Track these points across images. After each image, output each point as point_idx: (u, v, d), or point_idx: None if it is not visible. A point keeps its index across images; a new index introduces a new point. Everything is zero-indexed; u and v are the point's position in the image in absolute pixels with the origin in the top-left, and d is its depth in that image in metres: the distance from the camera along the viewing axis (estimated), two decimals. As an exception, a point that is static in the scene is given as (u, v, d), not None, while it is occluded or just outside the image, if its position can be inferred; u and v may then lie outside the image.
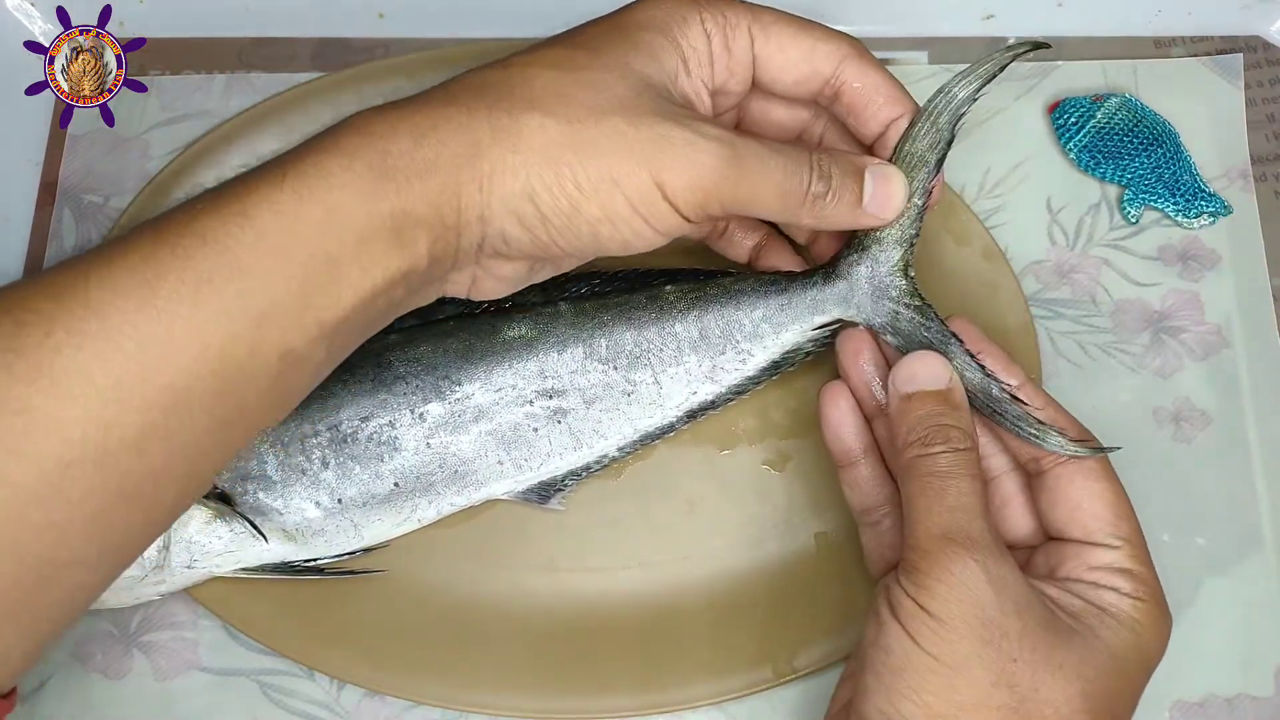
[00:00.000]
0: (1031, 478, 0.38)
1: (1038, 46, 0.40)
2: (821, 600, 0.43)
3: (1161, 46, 0.54)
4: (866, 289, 0.41)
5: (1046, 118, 0.52)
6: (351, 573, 0.43)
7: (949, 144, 0.40)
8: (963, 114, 0.40)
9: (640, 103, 0.35)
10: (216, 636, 0.44)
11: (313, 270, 0.32)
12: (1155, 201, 0.50)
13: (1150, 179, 0.50)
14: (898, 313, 0.40)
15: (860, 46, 0.39)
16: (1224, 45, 0.54)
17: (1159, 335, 0.49)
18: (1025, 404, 0.38)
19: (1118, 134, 0.51)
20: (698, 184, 0.34)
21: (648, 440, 0.44)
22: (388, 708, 0.43)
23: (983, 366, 0.39)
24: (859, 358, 0.41)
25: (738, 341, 0.43)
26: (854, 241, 0.41)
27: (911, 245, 0.41)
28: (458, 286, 0.38)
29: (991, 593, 0.33)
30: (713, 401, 0.43)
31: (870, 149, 0.41)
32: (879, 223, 0.39)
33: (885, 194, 0.38)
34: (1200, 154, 0.51)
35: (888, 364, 0.41)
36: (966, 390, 0.38)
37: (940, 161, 0.40)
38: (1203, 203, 0.50)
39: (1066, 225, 0.50)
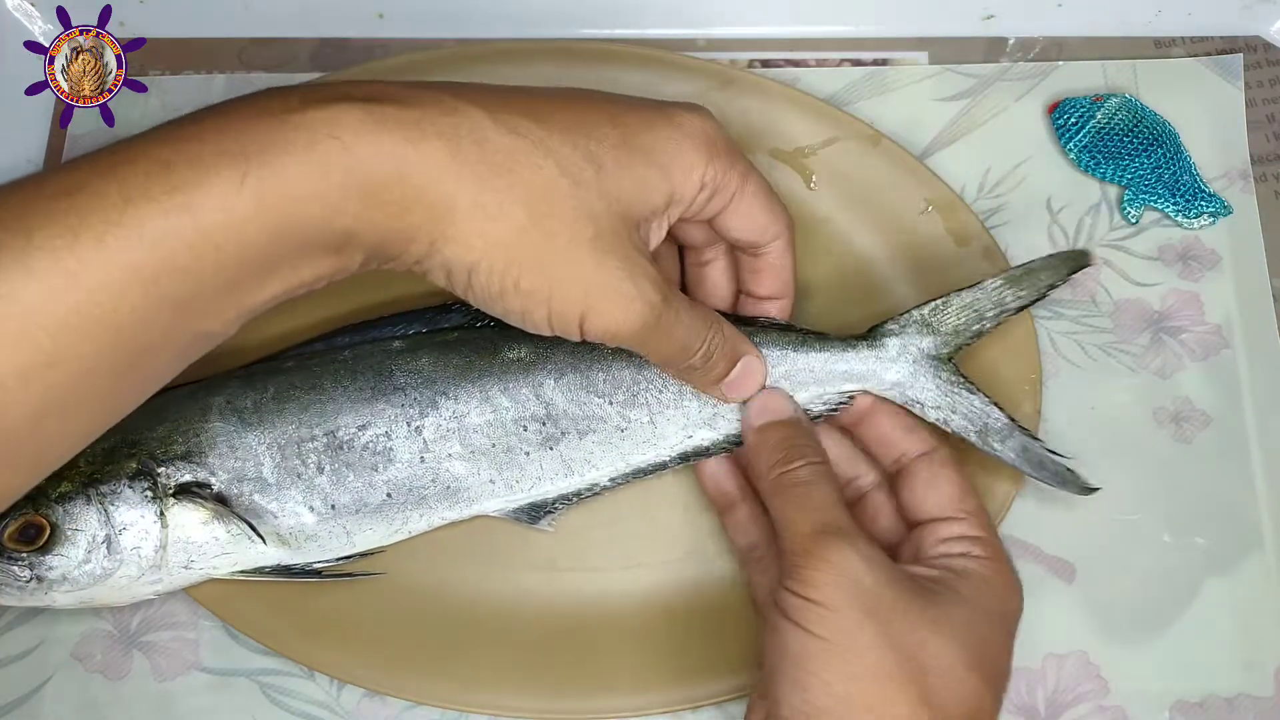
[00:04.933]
0: (894, 478, 0.42)
1: (1081, 263, 0.45)
2: (821, 600, 0.43)
3: (1161, 47, 0.54)
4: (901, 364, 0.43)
5: (1046, 118, 0.52)
6: (351, 574, 0.43)
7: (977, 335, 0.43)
8: (1002, 319, 0.43)
9: (610, 242, 0.36)
10: (216, 636, 0.44)
11: (248, 271, 0.32)
12: (1155, 202, 0.50)
13: (1150, 179, 0.50)
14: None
15: (791, 228, 0.42)
16: (1224, 45, 0.54)
17: (1159, 335, 0.49)
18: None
19: (1118, 134, 0.50)
20: (614, 331, 0.37)
21: (641, 475, 0.44)
22: (388, 708, 0.43)
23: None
24: None
25: None
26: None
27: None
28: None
29: (866, 568, 0.36)
30: (707, 448, 0.43)
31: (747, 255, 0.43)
32: (724, 400, 0.42)
33: (741, 383, 0.42)
34: (1200, 154, 0.51)
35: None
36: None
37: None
38: (1203, 203, 0.50)
39: (1066, 225, 0.50)
